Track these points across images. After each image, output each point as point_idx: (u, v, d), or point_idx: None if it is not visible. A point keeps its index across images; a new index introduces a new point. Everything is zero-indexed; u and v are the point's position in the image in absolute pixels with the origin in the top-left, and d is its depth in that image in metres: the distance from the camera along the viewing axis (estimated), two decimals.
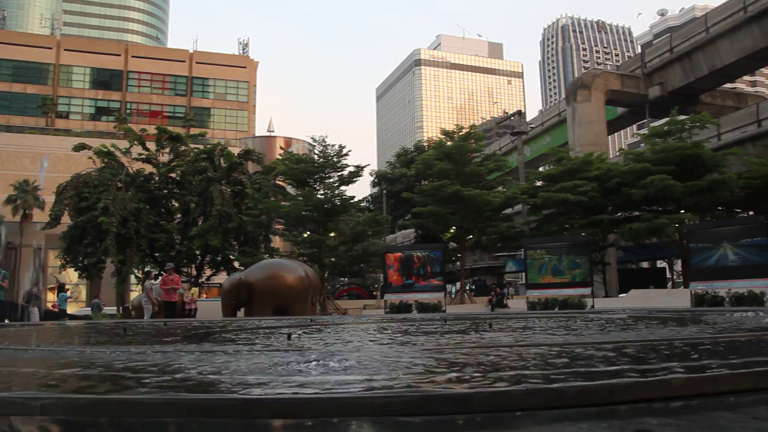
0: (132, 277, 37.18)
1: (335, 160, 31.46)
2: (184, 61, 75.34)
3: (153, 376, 3.53)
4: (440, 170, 32.14)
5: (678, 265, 42.92)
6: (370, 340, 7.55)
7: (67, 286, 25.98)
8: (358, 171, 32.69)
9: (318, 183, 32.07)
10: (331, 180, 31.85)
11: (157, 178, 35.06)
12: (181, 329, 9.88)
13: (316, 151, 31.87)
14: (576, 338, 7.04)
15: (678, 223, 27.55)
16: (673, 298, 22.34)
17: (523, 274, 66.06)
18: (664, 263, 46.18)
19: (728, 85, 48.70)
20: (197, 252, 33.97)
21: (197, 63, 75.42)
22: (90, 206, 30.96)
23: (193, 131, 49.44)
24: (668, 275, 43.83)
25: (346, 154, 31.82)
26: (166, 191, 35.33)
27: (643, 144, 37.82)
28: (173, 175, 34.82)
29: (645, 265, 52.09)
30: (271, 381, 3.28)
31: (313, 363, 3.66)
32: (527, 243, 22.77)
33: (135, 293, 40.03)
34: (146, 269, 18.08)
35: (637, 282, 36.87)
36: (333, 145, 31.68)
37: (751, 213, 32.56)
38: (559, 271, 20.17)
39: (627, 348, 4.89)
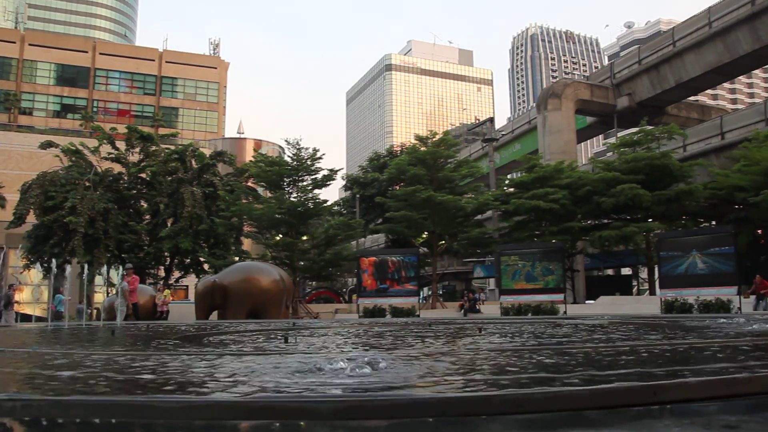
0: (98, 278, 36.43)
1: (309, 163, 31.36)
2: (153, 60, 74.23)
3: (226, 382, 3.50)
4: (413, 175, 32.30)
5: (644, 273, 43.88)
6: (373, 344, 7.53)
7: (61, 288, 25.65)
8: (331, 175, 32.64)
9: (291, 186, 31.94)
10: (305, 183, 31.74)
11: (126, 178, 34.47)
12: (170, 332, 9.75)
13: (290, 154, 31.71)
14: (581, 341, 7.23)
15: (646, 231, 28.16)
16: (642, 305, 22.83)
17: (491, 279, 66.95)
18: (629, 270, 47.10)
19: (693, 98, 49.93)
20: (166, 254, 33.50)
21: (167, 62, 74.37)
22: (57, 205, 30.28)
23: (163, 131, 48.75)
24: (634, 283, 44.67)
25: (320, 158, 31.77)
26: (135, 191, 34.76)
27: (610, 153, 38.55)
28: (143, 175, 34.26)
29: (609, 272, 53.06)
30: (342, 383, 3.33)
31: (349, 366, 3.68)
32: (501, 249, 23.02)
33: (99, 295, 39.23)
34: (122, 271, 17.71)
35: (603, 289, 37.50)
36: (307, 149, 31.61)
37: (713, 223, 33.42)
38: (533, 277, 20.45)
39: (660, 350, 5.06)
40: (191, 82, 74.57)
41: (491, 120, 50.77)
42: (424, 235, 34.47)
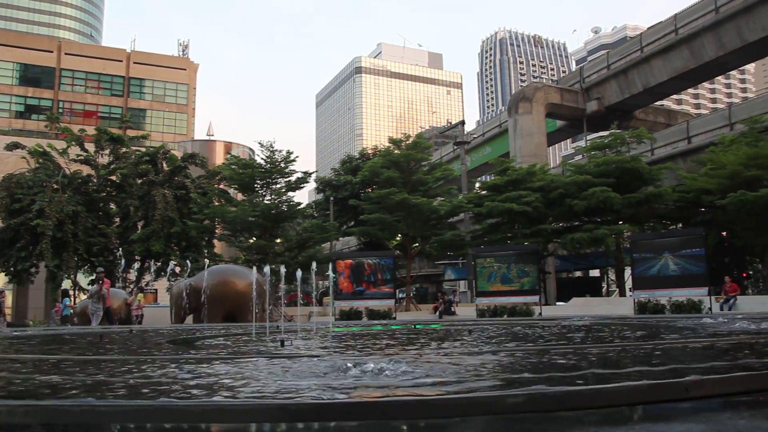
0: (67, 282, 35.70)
1: (282, 165, 31.20)
2: (120, 61, 73.06)
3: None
4: (387, 178, 32.36)
5: (612, 275, 44.62)
6: (379, 347, 7.53)
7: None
8: (305, 177, 32.55)
9: (264, 189, 31.74)
10: (279, 186, 31.57)
11: (95, 180, 33.87)
12: (161, 337, 9.60)
13: (263, 157, 31.51)
14: (589, 343, 7.39)
15: (616, 233, 28.64)
16: (613, 306, 23.23)
17: (461, 281, 67.25)
18: (597, 273, 47.84)
19: (659, 103, 51.00)
20: (137, 257, 32.99)
21: (135, 63, 73.27)
22: (24, 208, 29.64)
23: (132, 133, 47.94)
24: (603, 284, 45.37)
25: (294, 160, 31.65)
26: (104, 194, 34.19)
27: (579, 156, 39.17)
28: (113, 177, 33.71)
29: (578, 274, 53.83)
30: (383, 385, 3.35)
31: (376, 367, 3.72)
32: (477, 251, 23.21)
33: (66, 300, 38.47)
34: (96, 274, 17.37)
35: (572, 291, 38.08)
36: (280, 151, 31.47)
37: (680, 225, 34.12)
38: (508, 279, 20.66)
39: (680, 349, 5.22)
40: (160, 83, 73.59)
41: (463, 123, 51.13)
42: (398, 238, 34.55)
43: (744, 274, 32.75)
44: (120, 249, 31.81)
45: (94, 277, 16.98)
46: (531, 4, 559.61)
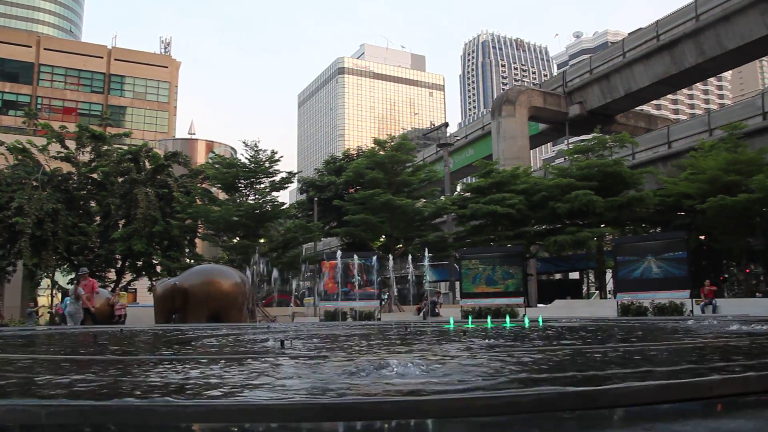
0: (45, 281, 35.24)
1: (267, 165, 31.07)
2: (101, 57, 72.18)
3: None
4: (372, 179, 32.38)
5: (591, 277, 45.08)
6: (383, 348, 7.53)
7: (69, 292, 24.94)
8: (289, 177, 32.46)
9: (248, 188, 31.58)
10: (263, 186, 31.43)
11: (76, 178, 33.44)
12: (157, 337, 9.52)
13: (247, 156, 31.34)
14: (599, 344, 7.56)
15: (598, 236, 28.95)
16: (596, 308, 23.45)
17: (442, 283, 67.64)
18: (576, 275, 48.32)
19: (639, 108, 51.62)
20: (117, 256, 32.64)
21: (116, 60, 72.43)
22: (2, 206, 29.13)
23: (113, 131, 47.39)
24: (583, 286, 45.85)
25: (278, 160, 31.53)
26: (85, 192, 33.74)
27: (560, 159, 39.55)
28: (94, 175, 33.29)
29: (558, 276, 54.33)
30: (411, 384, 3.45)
31: (399, 368, 3.76)
32: (462, 253, 23.31)
33: (42, 299, 37.90)
34: (78, 273, 17.11)
35: (553, 292, 38.45)
36: (265, 151, 31.32)
37: (659, 229, 34.57)
38: (493, 280, 20.78)
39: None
40: (141, 80, 72.86)
41: (446, 125, 51.30)
42: (382, 239, 34.58)
43: (721, 278, 33.28)
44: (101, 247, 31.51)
45: (73, 277, 16.74)
46: (513, 8, 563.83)
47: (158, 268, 32.97)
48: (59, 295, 36.18)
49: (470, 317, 16.49)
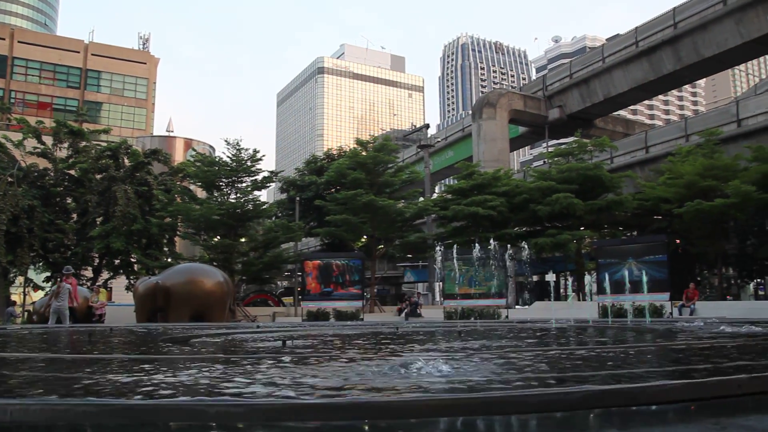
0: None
1: (249, 164, 30.88)
2: (78, 52, 71.07)
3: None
4: (354, 179, 32.37)
5: (567, 279, 45.59)
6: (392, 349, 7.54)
7: None
8: (271, 177, 32.31)
9: (229, 187, 31.36)
10: (244, 184, 31.24)
11: (52, 174, 32.92)
12: (152, 336, 9.39)
13: (229, 155, 31.11)
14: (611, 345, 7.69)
15: (578, 239, 29.28)
16: (576, 311, 23.67)
17: (419, 284, 67.59)
18: (552, 277, 48.71)
19: (617, 112, 52.34)
20: (95, 254, 32.20)
21: (93, 55, 71.36)
22: None
23: (91, 126, 46.72)
24: (561, 289, 46.28)
25: (260, 159, 31.36)
26: (62, 189, 33.22)
27: (540, 162, 39.95)
28: (72, 172, 32.79)
29: (534, 278, 54.72)
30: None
31: (424, 368, 3.79)
32: (446, 254, 23.40)
33: (14, 296, 37.21)
34: (63, 272, 16.80)
35: (530, 294, 38.78)
36: (247, 149, 31.13)
37: (635, 233, 35.06)
38: (476, 282, 20.90)
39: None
40: (119, 76, 71.88)
41: (427, 126, 51.52)
42: (364, 239, 34.59)
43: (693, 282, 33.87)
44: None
45: (61, 275, 16.38)
46: (493, 12, 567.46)
47: (136, 267, 32.60)
48: (32, 293, 35.58)
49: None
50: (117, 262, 33.03)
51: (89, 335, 9.14)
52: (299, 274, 43.99)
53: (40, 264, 33.09)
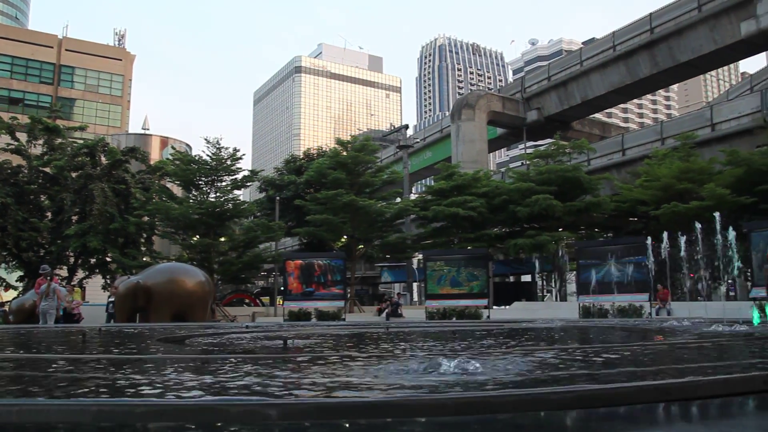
0: None
1: (229, 163, 30.65)
2: (51, 47, 69.87)
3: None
4: (335, 179, 32.30)
5: (546, 280, 45.92)
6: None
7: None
8: (251, 176, 32.11)
9: (209, 186, 31.08)
10: (224, 183, 30.99)
11: (26, 172, 32.31)
12: (145, 336, 9.27)
13: (209, 153, 30.84)
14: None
15: (557, 240, 29.60)
16: (556, 311, 23.95)
17: (396, 284, 67.53)
18: (528, 278, 49.13)
19: (594, 115, 52.95)
20: (70, 253, 31.69)
21: (66, 50, 70.22)
22: None
23: (68, 123, 45.97)
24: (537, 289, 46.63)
25: (240, 158, 31.16)
26: (36, 186, 32.62)
27: (518, 164, 40.31)
28: (47, 169, 32.23)
29: (511, 278, 55.14)
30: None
31: (454, 367, 3.84)
32: (428, 254, 23.49)
33: None
34: (45, 271, 16.42)
35: (508, 295, 39.00)
36: (227, 148, 30.89)
37: (610, 234, 35.51)
38: (458, 282, 21.01)
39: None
40: (93, 72, 70.84)
41: (406, 127, 51.54)
42: (343, 239, 34.54)
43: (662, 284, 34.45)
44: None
45: (42, 275, 16.00)
46: (470, 13, 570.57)
47: (112, 266, 32.17)
48: (2, 293, 34.86)
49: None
50: (93, 261, 32.56)
51: (83, 335, 9.00)
52: (275, 274, 43.93)
53: (13, 263, 32.47)
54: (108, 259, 32.26)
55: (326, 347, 7.23)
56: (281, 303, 31.39)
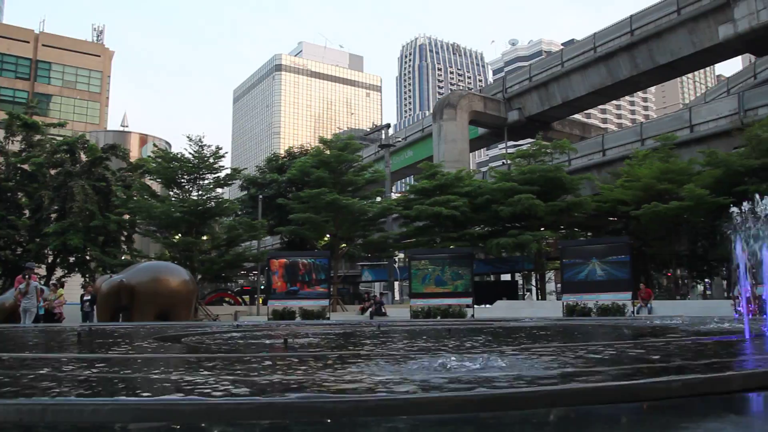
0: None
1: (211, 161, 30.44)
2: (27, 42, 68.62)
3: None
4: (318, 178, 32.23)
5: (525, 279, 46.32)
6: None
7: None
8: (234, 174, 31.91)
9: (191, 184, 30.83)
10: (206, 182, 30.77)
11: (3, 168, 31.76)
12: (140, 334, 9.17)
13: (191, 151, 30.59)
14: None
15: (539, 239, 29.84)
16: (537, 309, 24.19)
17: (376, 283, 67.50)
18: (509, 277, 49.50)
19: (574, 116, 53.42)
20: (49, 251, 31.22)
21: (43, 45, 69.00)
22: None
23: (47, 120, 45.22)
24: (518, 288, 46.98)
25: (223, 156, 30.95)
26: (13, 183, 32.07)
27: (500, 163, 40.54)
28: (25, 166, 31.71)
29: (491, 277, 55.48)
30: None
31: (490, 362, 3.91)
32: (412, 253, 23.55)
33: None
34: (26, 267, 16.13)
35: (490, 294, 39.22)
36: (209, 146, 30.68)
37: (589, 234, 35.84)
38: (442, 281, 21.11)
39: None
40: (71, 68, 69.72)
41: (388, 126, 51.58)
42: (326, 238, 34.48)
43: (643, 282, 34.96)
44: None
45: (29, 273, 15.72)
46: (450, 13, 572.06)
47: (92, 265, 31.75)
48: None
49: None
50: (72, 259, 32.11)
51: (78, 334, 8.88)
52: (255, 273, 43.64)
53: None
54: (88, 258, 31.84)
55: (334, 346, 7.22)
56: (262, 301, 31.29)
